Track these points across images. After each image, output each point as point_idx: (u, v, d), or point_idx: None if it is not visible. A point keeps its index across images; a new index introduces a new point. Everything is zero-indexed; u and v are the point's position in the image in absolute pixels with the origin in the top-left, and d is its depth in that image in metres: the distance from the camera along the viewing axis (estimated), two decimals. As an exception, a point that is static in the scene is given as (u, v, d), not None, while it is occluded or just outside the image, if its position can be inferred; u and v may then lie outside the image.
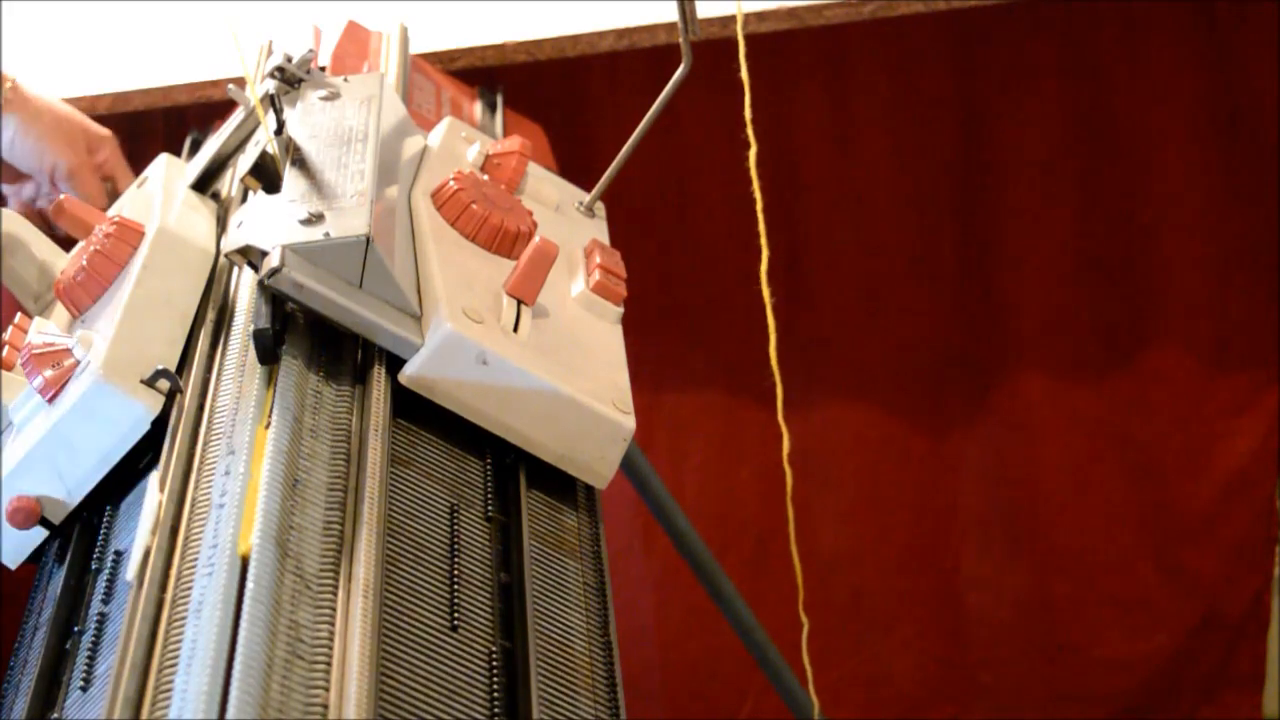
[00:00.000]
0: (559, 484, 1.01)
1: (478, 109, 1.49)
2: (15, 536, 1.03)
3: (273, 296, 0.94)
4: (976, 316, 1.86)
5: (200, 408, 0.95)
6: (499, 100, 1.52)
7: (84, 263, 1.07)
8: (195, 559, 0.82)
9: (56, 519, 1.01)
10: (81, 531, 1.01)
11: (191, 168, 1.22)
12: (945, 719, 1.97)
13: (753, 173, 1.07)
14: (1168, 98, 1.79)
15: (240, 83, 1.17)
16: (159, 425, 0.95)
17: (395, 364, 0.97)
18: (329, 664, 0.76)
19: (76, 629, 0.93)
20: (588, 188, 1.23)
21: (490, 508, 0.96)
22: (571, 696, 0.88)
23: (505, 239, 1.06)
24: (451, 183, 1.08)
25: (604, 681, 0.91)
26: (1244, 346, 1.86)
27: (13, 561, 1.04)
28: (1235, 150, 1.80)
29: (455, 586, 0.88)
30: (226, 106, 1.38)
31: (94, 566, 0.97)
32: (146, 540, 0.84)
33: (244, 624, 0.75)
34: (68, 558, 0.99)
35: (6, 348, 1.07)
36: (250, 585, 0.77)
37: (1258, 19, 1.75)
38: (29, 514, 1.00)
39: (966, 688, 1.96)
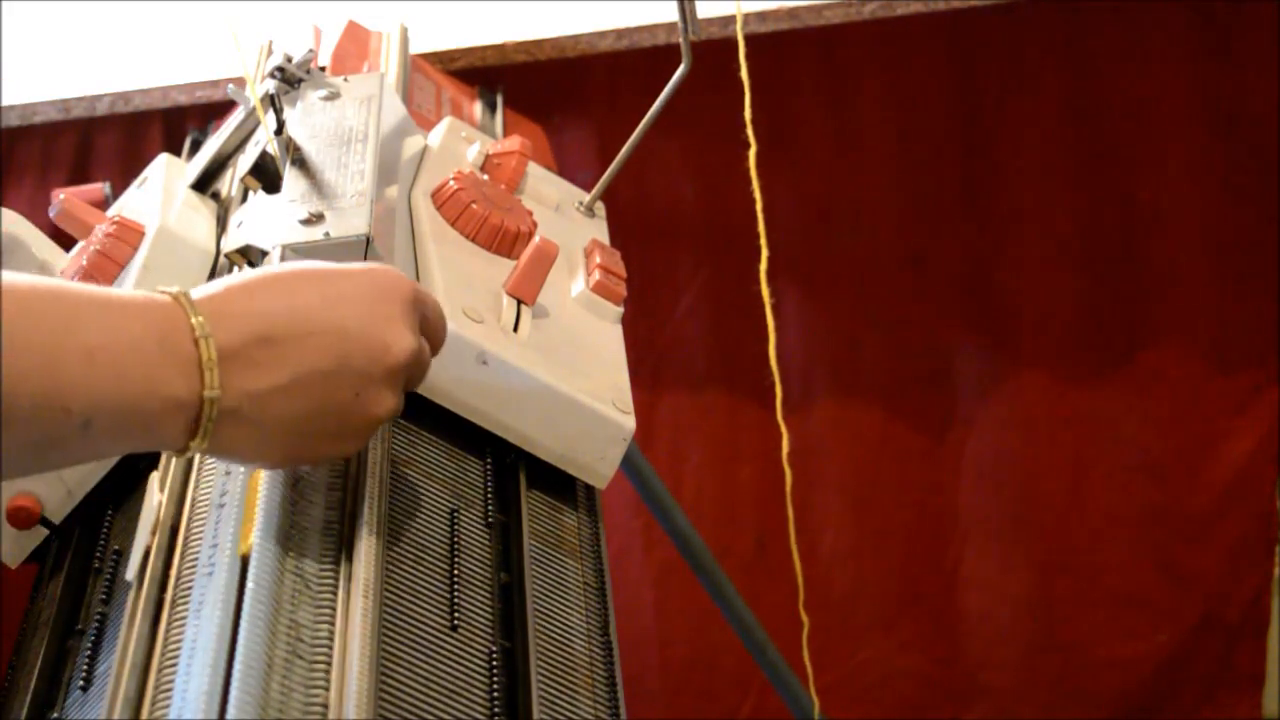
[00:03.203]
0: (559, 484, 1.01)
1: (478, 109, 1.49)
2: (15, 536, 1.03)
3: (273, 296, 0.94)
4: (976, 316, 1.86)
5: (200, 408, 0.95)
6: (499, 100, 1.52)
7: (84, 263, 1.07)
8: (195, 559, 0.82)
9: (57, 519, 1.02)
10: (82, 531, 1.01)
11: (191, 168, 1.22)
12: (945, 719, 1.97)
13: (752, 173, 1.07)
14: (1167, 97, 1.79)
15: (240, 83, 1.16)
16: (159, 425, 0.95)
17: (395, 364, 0.97)
18: (329, 664, 0.76)
19: (77, 629, 0.93)
20: (588, 188, 1.23)
21: (490, 508, 0.96)
22: (571, 696, 0.88)
23: (505, 239, 1.06)
24: (451, 183, 1.08)
25: (604, 681, 0.90)
26: (1244, 346, 1.86)
27: (13, 561, 1.04)
28: (1235, 150, 1.80)
29: (455, 586, 0.88)
30: (226, 106, 1.38)
31: (94, 566, 0.97)
32: (146, 540, 0.84)
33: (244, 624, 0.75)
34: (68, 558, 0.99)
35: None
36: (250, 585, 0.77)
37: (1257, 19, 1.75)
38: (29, 514, 1.00)
39: (966, 688, 1.96)
